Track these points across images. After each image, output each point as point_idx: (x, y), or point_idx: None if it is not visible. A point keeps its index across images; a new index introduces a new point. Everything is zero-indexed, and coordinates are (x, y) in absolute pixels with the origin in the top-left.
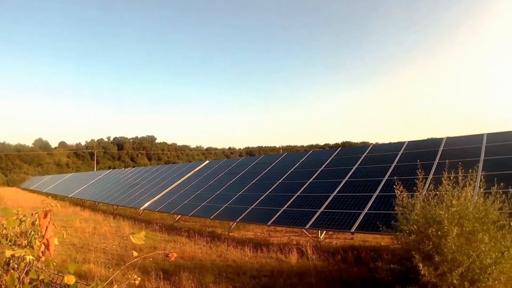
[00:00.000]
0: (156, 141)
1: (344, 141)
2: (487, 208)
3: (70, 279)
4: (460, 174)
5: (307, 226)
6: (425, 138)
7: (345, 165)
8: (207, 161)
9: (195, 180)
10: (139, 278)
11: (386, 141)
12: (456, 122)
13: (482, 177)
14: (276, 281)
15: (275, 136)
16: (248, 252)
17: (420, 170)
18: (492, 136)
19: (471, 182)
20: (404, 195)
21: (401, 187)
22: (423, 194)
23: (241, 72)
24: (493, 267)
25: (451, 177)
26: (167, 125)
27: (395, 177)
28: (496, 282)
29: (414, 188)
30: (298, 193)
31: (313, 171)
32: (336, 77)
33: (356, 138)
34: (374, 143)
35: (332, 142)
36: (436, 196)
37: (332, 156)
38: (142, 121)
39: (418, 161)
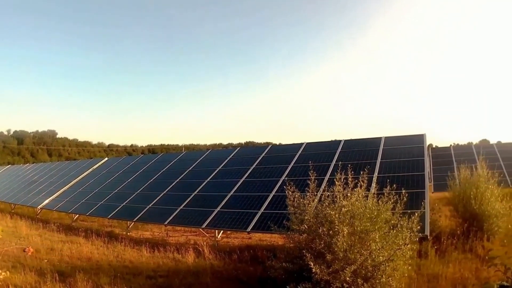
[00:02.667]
0: (58, 136)
1: (248, 141)
2: (380, 208)
3: None
4: (350, 175)
5: (204, 226)
6: (328, 140)
7: (243, 164)
8: (106, 158)
9: (94, 178)
10: (3, 273)
11: (290, 142)
12: (361, 125)
13: (376, 178)
14: (172, 281)
15: (179, 135)
16: (145, 252)
17: (312, 171)
18: (389, 140)
19: (363, 183)
20: (297, 195)
21: (294, 187)
22: (319, 194)
23: (147, 70)
24: (386, 265)
25: (342, 179)
26: (68, 120)
27: (290, 178)
28: (389, 278)
29: (307, 188)
30: (196, 192)
31: (211, 170)
32: (242, 78)
33: (260, 139)
34: (278, 143)
35: (236, 141)
36: (329, 197)
37: (231, 156)
38: (43, 115)
39: (315, 162)
